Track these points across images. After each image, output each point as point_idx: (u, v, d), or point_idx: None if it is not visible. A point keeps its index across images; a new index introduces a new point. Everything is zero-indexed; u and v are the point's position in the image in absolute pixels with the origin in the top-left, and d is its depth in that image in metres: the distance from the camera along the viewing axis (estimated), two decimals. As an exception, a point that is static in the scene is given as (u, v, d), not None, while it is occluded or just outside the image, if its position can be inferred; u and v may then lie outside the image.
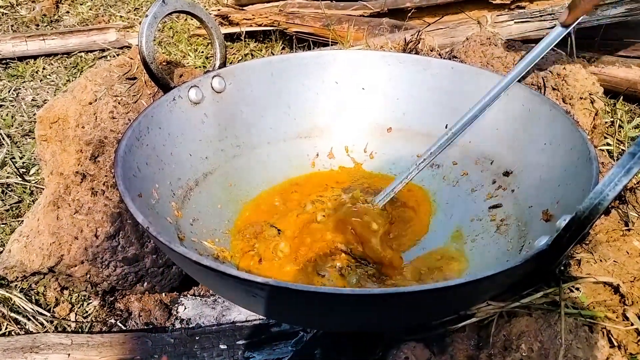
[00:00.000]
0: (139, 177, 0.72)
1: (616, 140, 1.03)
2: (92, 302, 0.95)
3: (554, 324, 0.60)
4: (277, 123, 1.00)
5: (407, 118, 1.00)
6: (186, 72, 1.02)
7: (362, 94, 1.02)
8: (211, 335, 0.89)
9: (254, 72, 0.97)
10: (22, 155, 1.35)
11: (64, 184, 0.88)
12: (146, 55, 0.83)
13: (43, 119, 0.94)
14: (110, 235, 0.84)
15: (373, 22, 1.62)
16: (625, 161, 0.45)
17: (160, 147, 0.81)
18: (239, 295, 0.57)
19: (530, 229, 0.73)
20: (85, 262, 0.85)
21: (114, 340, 0.85)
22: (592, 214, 0.46)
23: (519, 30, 1.34)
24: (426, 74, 0.98)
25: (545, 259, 0.52)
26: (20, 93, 1.73)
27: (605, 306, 0.66)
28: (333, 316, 0.56)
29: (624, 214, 0.76)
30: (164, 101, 0.84)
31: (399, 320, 0.56)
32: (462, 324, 0.62)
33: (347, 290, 0.48)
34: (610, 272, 0.70)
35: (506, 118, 0.88)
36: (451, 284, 0.49)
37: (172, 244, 0.55)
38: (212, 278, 0.55)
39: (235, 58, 1.88)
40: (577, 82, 0.89)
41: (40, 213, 0.88)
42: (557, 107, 0.79)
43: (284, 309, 0.58)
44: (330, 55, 1.02)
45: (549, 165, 0.77)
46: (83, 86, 0.92)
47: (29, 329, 0.89)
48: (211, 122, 0.92)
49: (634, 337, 0.63)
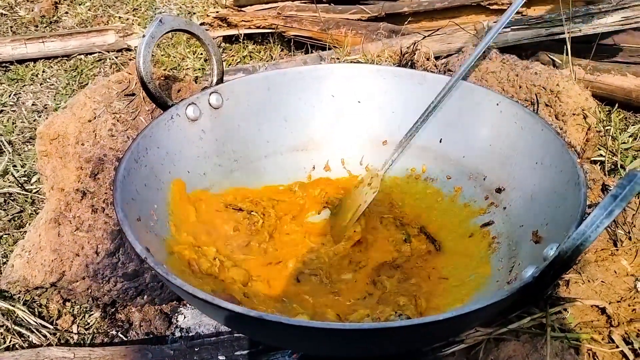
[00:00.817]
0: (137, 200, 0.74)
1: (609, 152, 1.04)
2: (93, 313, 0.97)
3: (541, 348, 0.62)
4: (274, 136, 1.02)
5: (402, 131, 1.01)
6: (184, 87, 1.04)
7: (358, 107, 1.04)
8: (210, 347, 0.91)
9: (251, 87, 0.98)
10: (23, 164, 1.36)
11: (64, 200, 0.89)
12: (144, 75, 0.85)
13: (43, 135, 0.95)
14: (110, 252, 0.86)
15: (371, 26, 1.62)
16: (607, 203, 0.46)
17: (158, 167, 0.82)
18: (234, 325, 0.59)
19: (520, 249, 0.75)
20: (87, 278, 0.87)
21: (115, 353, 0.87)
22: (575, 254, 0.48)
23: (515, 37, 1.35)
24: (421, 88, 0.99)
25: (531, 290, 0.54)
26: (20, 97, 1.74)
27: (592, 327, 0.67)
28: (325, 346, 0.58)
29: (613, 233, 0.78)
30: (161, 120, 0.86)
31: (388, 349, 0.58)
32: (451, 350, 0.64)
33: (335, 325, 0.49)
34: (597, 292, 0.71)
35: (499, 134, 0.89)
36: (440, 318, 0.50)
37: (169, 275, 0.57)
38: (208, 309, 0.57)
39: (233, 60, 1.88)
40: (569, 99, 0.91)
41: (42, 229, 0.90)
42: (548, 127, 0.80)
43: (276, 338, 0.60)
44: (327, 69, 1.03)
45: (539, 185, 0.79)
46: (82, 103, 0.94)
47: (33, 341, 0.91)
48: (209, 138, 0.94)
49: (618, 359, 0.65)
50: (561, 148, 0.76)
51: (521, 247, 0.74)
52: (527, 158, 0.83)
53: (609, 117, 1.20)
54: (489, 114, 0.91)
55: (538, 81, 0.95)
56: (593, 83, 1.29)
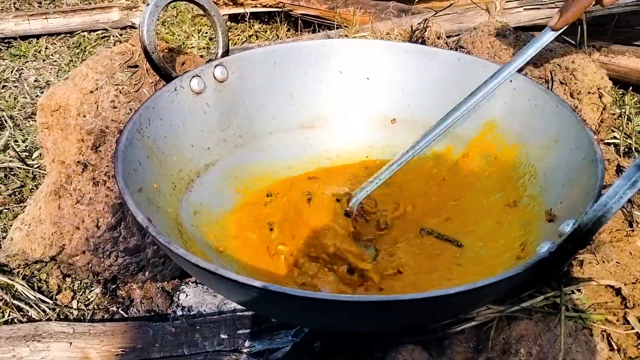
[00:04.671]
0: (139, 170, 0.72)
1: (624, 135, 1.01)
2: (94, 289, 0.96)
3: (554, 328, 0.60)
4: (280, 113, 0.99)
5: (411, 109, 0.99)
6: (188, 60, 1.01)
7: (367, 84, 1.01)
8: (212, 325, 0.89)
9: (257, 61, 0.96)
10: (24, 139, 1.34)
11: (65, 173, 0.87)
12: (147, 45, 0.82)
13: (44, 107, 0.93)
14: (111, 226, 0.84)
15: (380, 5, 1.59)
16: (631, 173, 0.44)
17: (161, 139, 0.80)
18: (237, 296, 0.57)
19: (533, 227, 0.73)
20: (87, 252, 0.85)
21: (115, 329, 0.86)
22: (595, 226, 0.46)
23: (528, 17, 1.31)
24: (432, 65, 0.96)
25: (546, 266, 0.52)
26: (22, 73, 1.72)
27: (606, 308, 0.65)
28: (330, 319, 0.56)
29: (629, 213, 0.76)
30: (165, 92, 0.83)
31: (397, 323, 0.56)
32: (461, 327, 0.62)
33: (344, 297, 0.47)
34: (612, 273, 0.69)
35: (512, 113, 0.87)
36: (451, 292, 0.48)
37: (171, 245, 0.54)
38: (209, 279, 0.55)
39: (239, 39, 1.85)
40: (585, 77, 0.88)
41: (42, 202, 0.88)
42: (564, 104, 0.77)
43: (281, 311, 0.59)
44: (335, 45, 1.00)
45: (553, 163, 0.76)
46: (84, 74, 0.91)
47: (32, 316, 0.90)
48: (213, 112, 0.91)
49: (633, 341, 0.63)
50: (577, 124, 0.73)
51: (534, 226, 0.72)
52: (541, 136, 0.80)
53: (623, 100, 1.17)
54: (502, 91, 0.88)
55: (553, 58, 0.92)
56: (607, 65, 1.26)
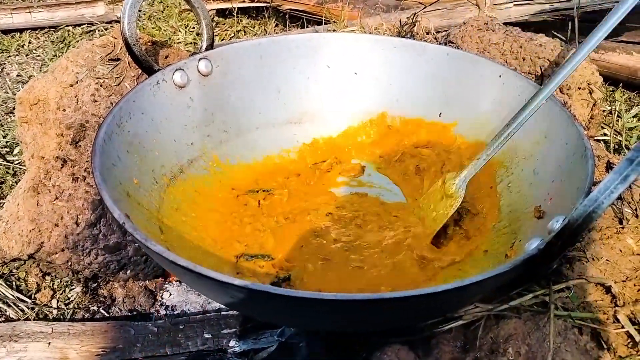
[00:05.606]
0: (119, 165, 0.70)
1: (613, 131, 1.00)
2: (74, 288, 0.93)
3: (543, 327, 0.58)
4: (267, 108, 0.97)
5: (400, 104, 0.98)
6: (172, 53, 0.99)
7: (355, 79, 0.99)
8: (195, 324, 0.87)
9: (243, 54, 0.94)
10: (5, 134, 1.31)
11: (44, 168, 0.85)
12: (128, 37, 0.80)
13: (23, 101, 0.90)
14: (91, 223, 0.82)
15: (369, 1, 1.57)
16: (622, 168, 0.42)
17: (142, 134, 0.78)
18: (217, 295, 0.55)
19: (522, 224, 0.72)
20: (66, 249, 0.82)
21: (95, 329, 0.84)
22: (586, 222, 0.44)
23: (518, 13, 1.31)
24: (421, 60, 0.95)
25: (535, 264, 0.50)
26: (5, 68, 1.68)
27: (596, 307, 0.64)
28: (315, 318, 0.54)
29: (619, 210, 0.74)
30: (147, 85, 0.81)
31: (382, 322, 0.54)
32: (449, 326, 0.60)
33: (327, 295, 0.46)
34: (602, 271, 0.68)
35: (502, 108, 0.86)
36: (438, 290, 0.47)
37: (147, 242, 0.52)
38: (188, 277, 0.53)
39: (227, 35, 1.83)
40: (575, 72, 0.86)
41: (20, 198, 0.86)
42: (553, 99, 0.76)
43: (262, 311, 0.57)
44: (322, 39, 0.98)
45: (543, 159, 0.75)
46: (64, 67, 0.89)
47: (10, 315, 0.87)
48: (197, 106, 0.89)
49: (624, 340, 0.62)
50: (567, 120, 0.72)
51: (523, 223, 0.71)
52: (530, 131, 0.79)
53: (613, 96, 1.16)
54: (491, 86, 0.87)
55: (543, 53, 0.91)
56: (597, 62, 1.26)
